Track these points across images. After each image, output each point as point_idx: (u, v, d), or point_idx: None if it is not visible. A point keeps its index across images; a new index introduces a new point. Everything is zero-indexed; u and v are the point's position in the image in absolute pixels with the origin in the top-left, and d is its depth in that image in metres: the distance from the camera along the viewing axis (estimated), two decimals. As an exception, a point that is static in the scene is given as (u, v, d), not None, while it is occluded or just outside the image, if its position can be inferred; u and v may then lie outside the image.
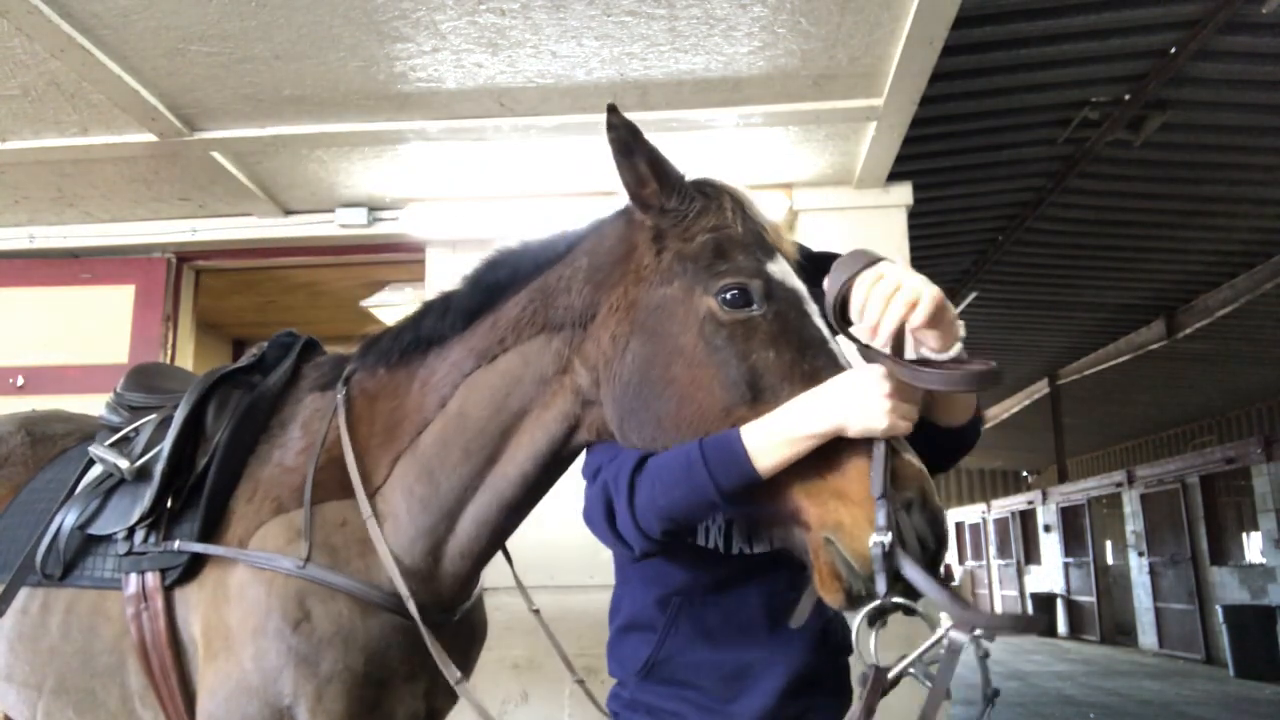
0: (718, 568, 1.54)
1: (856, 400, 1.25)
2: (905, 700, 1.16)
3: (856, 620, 1.23)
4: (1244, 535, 14.48)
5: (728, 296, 1.41)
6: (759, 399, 1.34)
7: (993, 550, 21.26)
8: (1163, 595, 14.07)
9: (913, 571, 1.17)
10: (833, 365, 1.35)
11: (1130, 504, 15.03)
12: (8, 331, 4.62)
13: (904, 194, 4.30)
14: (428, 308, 1.85)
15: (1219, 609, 11.92)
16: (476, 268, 1.80)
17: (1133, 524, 14.98)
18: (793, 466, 1.28)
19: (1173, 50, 4.87)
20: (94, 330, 4.60)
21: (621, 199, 1.61)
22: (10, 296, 4.67)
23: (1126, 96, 5.32)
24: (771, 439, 1.28)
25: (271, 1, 2.81)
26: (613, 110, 1.48)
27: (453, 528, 1.73)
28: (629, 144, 1.51)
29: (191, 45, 3.03)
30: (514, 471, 1.69)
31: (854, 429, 1.25)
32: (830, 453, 1.27)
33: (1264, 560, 12.13)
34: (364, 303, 5.99)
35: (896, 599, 1.18)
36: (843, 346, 1.41)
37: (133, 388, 2.15)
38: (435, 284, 4.37)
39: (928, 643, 1.20)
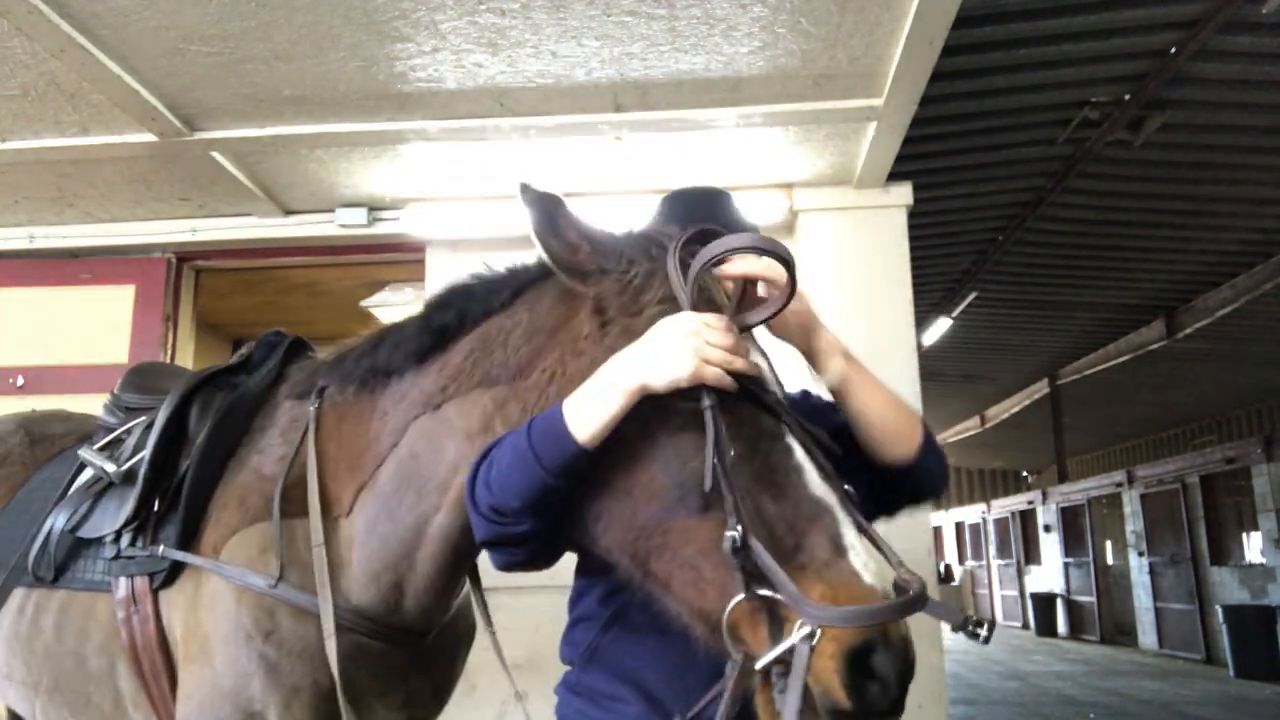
0: None
1: (659, 346, 1.18)
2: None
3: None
4: (1244, 535, 14.48)
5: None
6: (709, 508, 1.16)
7: (993, 550, 21.25)
8: (1163, 595, 14.07)
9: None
10: (793, 464, 1.19)
11: (1130, 504, 15.02)
12: (8, 331, 4.62)
13: (904, 194, 4.29)
14: (384, 335, 1.82)
15: (1219, 609, 11.92)
16: (427, 306, 1.76)
17: (1133, 524, 14.97)
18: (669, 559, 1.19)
19: (1173, 50, 4.87)
20: (94, 330, 4.60)
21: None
22: (10, 296, 4.67)
23: (1126, 96, 5.32)
24: (584, 402, 1.21)
25: (271, 1, 2.81)
26: (525, 188, 1.38)
27: (413, 565, 1.69)
28: (552, 215, 1.39)
29: (191, 45, 3.03)
30: (455, 522, 1.64)
31: (659, 381, 1.17)
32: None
33: (1264, 560, 12.12)
34: (364, 303, 5.99)
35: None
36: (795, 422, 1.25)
37: (129, 388, 2.16)
38: (435, 284, 4.36)
39: (786, 643, 1.07)
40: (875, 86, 3.39)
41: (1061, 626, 17.30)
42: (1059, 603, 17.42)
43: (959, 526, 23.95)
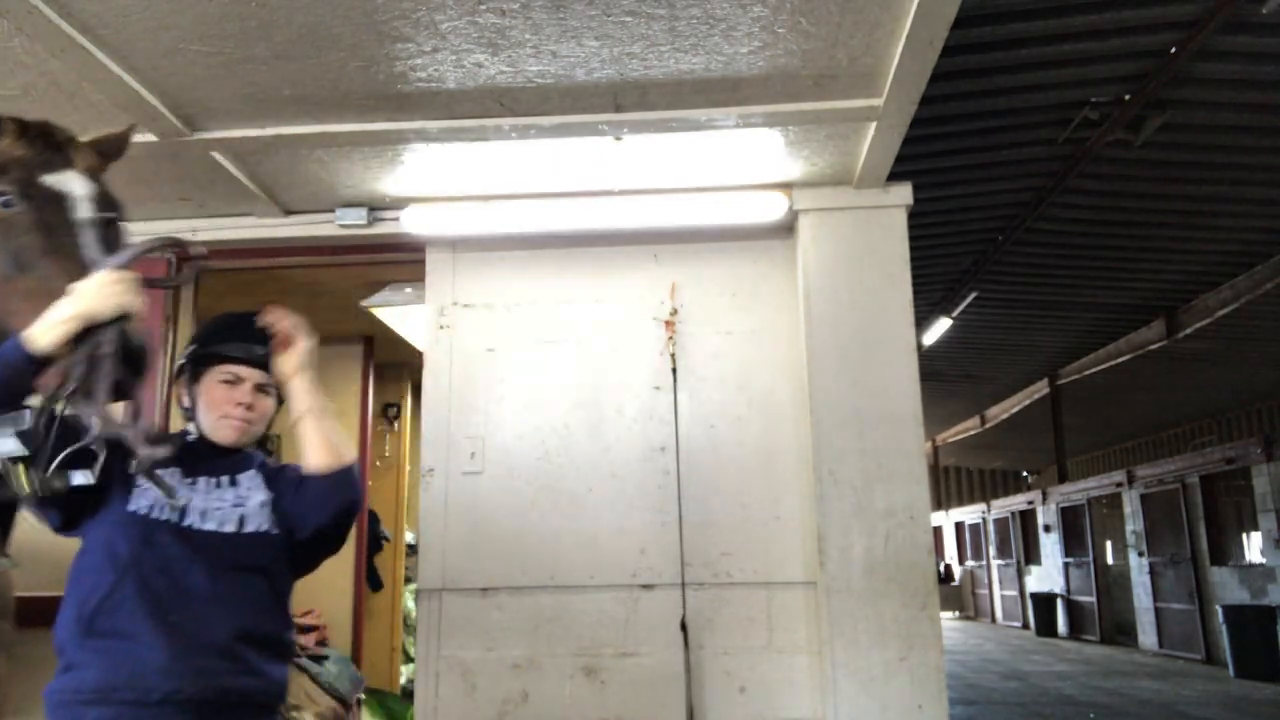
0: (169, 544, 1.84)
1: (93, 291, 1.67)
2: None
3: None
4: (1244, 535, 14.48)
5: None
6: (24, 270, 1.74)
7: (993, 550, 21.25)
8: (1163, 595, 14.07)
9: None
10: (73, 241, 1.76)
11: (1130, 504, 15.02)
12: (8, 331, 4.62)
13: (904, 194, 4.29)
14: None
15: (1219, 609, 11.92)
16: None
17: (1133, 524, 14.97)
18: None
19: (1173, 50, 4.87)
20: (94, 330, 4.58)
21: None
22: (10, 296, 4.66)
23: (1126, 96, 5.33)
24: (45, 326, 1.66)
25: (271, 1, 2.81)
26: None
27: None
28: None
29: (191, 45, 3.03)
30: None
31: (99, 313, 1.64)
32: None
33: (1264, 560, 12.12)
34: (364, 302, 5.98)
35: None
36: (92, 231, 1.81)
37: None
38: (435, 284, 4.38)
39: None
40: (875, 86, 3.39)
41: (1061, 626, 17.30)
42: (1059, 603, 17.42)
43: (959, 526, 23.94)
